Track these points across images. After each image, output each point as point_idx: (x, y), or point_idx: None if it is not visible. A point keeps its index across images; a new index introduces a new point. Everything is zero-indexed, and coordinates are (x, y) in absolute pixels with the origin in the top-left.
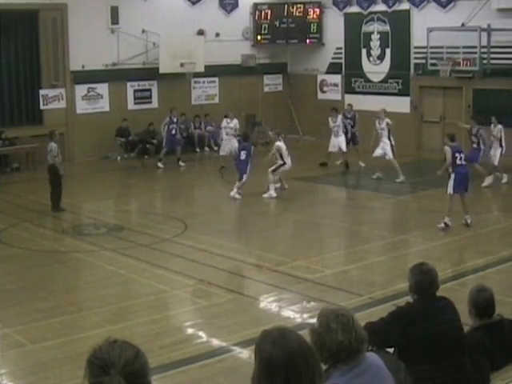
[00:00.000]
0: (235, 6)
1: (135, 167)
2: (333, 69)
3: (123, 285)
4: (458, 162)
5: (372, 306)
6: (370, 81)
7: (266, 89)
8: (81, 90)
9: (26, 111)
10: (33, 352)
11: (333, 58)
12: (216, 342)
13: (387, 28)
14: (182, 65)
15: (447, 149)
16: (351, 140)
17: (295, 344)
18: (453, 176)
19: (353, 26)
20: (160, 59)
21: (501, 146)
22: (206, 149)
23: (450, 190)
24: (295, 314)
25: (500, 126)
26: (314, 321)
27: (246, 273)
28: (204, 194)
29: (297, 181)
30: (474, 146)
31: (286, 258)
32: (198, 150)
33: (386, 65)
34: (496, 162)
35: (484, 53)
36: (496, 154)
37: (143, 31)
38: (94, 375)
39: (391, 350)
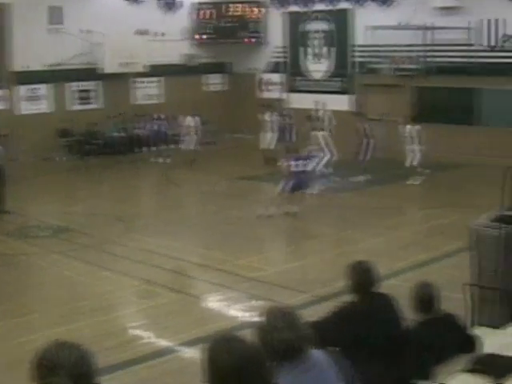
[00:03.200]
0: (178, 5)
1: (79, 168)
2: (274, 67)
3: (70, 287)
4: (293, 168)
5: (316, 303)
6: (311, 79)
7: (209, 88)
8: (23, 90)
9: None
10: None
11: (274, 57)
12: (162, 342)
13: (329, 27)
14: (124, 65)
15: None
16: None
17: (246, 352)
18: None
19: (294, 24)
20: (103, 59)
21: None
22: (144, 149)
23: (279, 188)
24: (240, 312)
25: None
26: (259, 319)
27: (191, 272)
28: (148, 194)
29: (240, 180)
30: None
31: (230, 256)
32: (140, 149)
33: (327, 63)
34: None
35: (425, 51)
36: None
37: (86, 31)
38: (43, 376)
39: (335, 349)
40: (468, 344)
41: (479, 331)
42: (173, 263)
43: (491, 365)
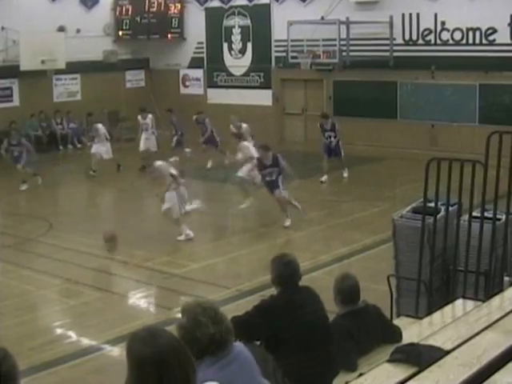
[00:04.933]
0: (96, 1)
1: None
2: (195, 63)
3: None
4: None
5: (239, 298)
6: (232, 74)
7: (129, 85)
8: None
9: None
10: None
11: (195, 53)
12: (86, 341)
13: (248, 22)
14: (42, 62)
15: None
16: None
17: (166, 343)
18: None
19: (214, 20)
20: (20, 56)
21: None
22: (70, 146)
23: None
24: (163, 309)
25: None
26: (180, 317)
27: (114, 270)
28: (69, 192)
29: None
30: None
31: (153, 253)
32: (61, 147)
33: (247, 58)
34: None
35: (343, 45)
36: None
37: (2, 28)
38: None
39: (258, 343)
40: (392, 334)
41: (400, 321)
42: (95, 261)
43: (411, 354)
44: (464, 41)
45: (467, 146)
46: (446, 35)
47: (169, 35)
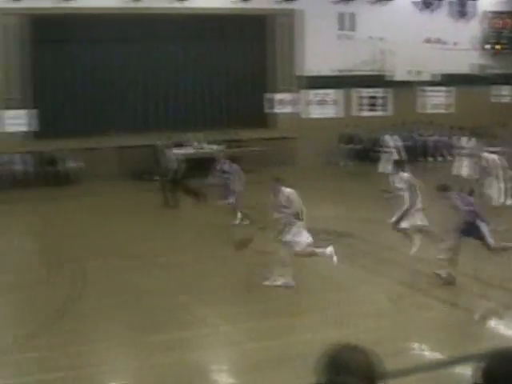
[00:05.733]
0: (470, 13)
1: (362, 174)
2: None
3: (346, 290)
4: None
5: None
6: None
7: (500, 100)
8: (312, 94)
9: (253, 114)
10: (251, 351)
11: None
12: (433, 356)
13: None
14: (412, 72)
15: None
16: None
17: None
18: None
19: None
20: (392, 66)
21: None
22: (430, 159)
23: None
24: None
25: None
26: None
27: (468, 286)
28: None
29: None
30: None
31: (506, 272)
32: (429, 158)
33: None
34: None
35: None
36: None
37: (377, 38)
38: (327, 374)
39: None
40: None
41: None
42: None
43: None
44: None
45: None
46: None
47: None
